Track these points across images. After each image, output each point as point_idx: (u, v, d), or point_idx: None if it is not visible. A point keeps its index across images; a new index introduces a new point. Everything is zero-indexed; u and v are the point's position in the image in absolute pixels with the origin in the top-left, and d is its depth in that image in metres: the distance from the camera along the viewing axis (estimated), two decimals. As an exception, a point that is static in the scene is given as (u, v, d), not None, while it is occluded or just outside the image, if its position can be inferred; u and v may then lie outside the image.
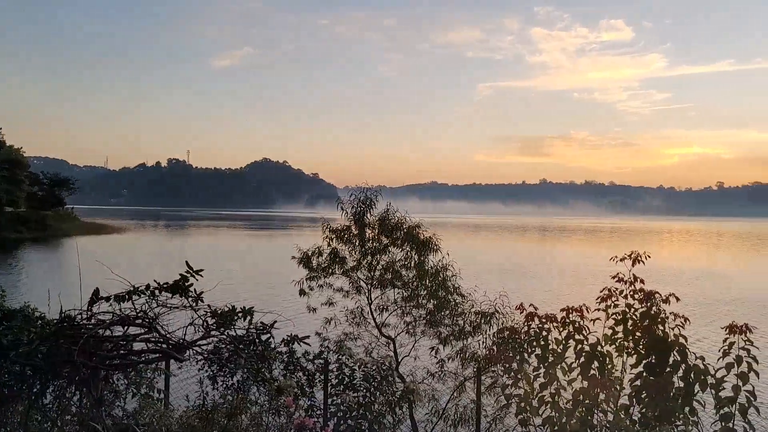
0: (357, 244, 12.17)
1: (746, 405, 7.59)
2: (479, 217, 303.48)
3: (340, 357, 9.12)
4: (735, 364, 7.76)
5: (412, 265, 11.87)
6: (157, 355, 4.97)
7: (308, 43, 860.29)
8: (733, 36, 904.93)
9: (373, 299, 12.19)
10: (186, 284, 4.77)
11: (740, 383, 7.65)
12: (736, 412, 7.62)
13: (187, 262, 4.90)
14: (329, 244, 12.31)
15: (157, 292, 4.79)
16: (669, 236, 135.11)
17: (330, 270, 12.22)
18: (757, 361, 7.76)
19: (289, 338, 6.50)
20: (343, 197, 12.39)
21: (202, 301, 4.87)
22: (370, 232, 12.18)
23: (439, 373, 11.28)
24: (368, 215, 12.08)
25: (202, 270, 4.82)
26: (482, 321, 10.74)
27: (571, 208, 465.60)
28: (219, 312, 4.93)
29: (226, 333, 4.96)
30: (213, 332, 4.88)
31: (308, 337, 6.19)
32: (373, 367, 8.95)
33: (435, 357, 11.33)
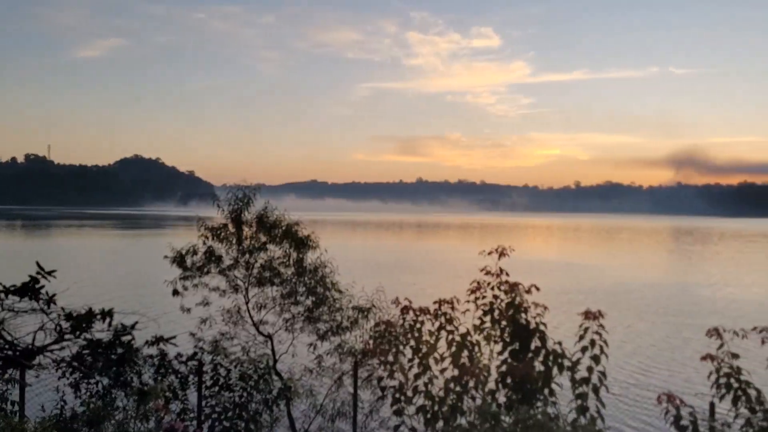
0: (234, 242, 11.91)
1: (598, 384, 8.28)
2: (358, 214, 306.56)
3: (215, 357, 8.91)
4: (589, 348, 8.44)
5: (291, 262, 11.81)
6: (-1, 363, 4.58)
7: (182, 36, 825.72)
8: (588, 47, 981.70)
9: (250, 297, 12.00)
10: (36, 286, 4.43)
11: (593, 365, 8.33)
12: (590, 391, 8.30)
13: (37, 262, 4.56)
14: (205, 243, 11.95)
15: (2, 295, 4.41)
16: (533, 231, 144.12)
17: (205, 269, 11.87)
18: (607, 344, 8.50)
19: (154, 339, 6.25)
20: (221, 195, 12.10)
21: (55, 304, 4.54)
22: (247, 230, 11.96)
23: (318, 368, 11.35)
24: (246, 213, 11.87)
25: (54, 271, 4.50)
26: (360, 316, 10.95)
27: (446, 206, 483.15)
28: (74, 315, 4.61)
29: (82, 336, 4.65)
30: (67, 336, 4.56)
31: (174, 337, 5.99)
32: (250, 366, 8.83)
33: (313, 353, 11.38)
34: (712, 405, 8.17)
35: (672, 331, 26.90)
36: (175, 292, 11.79)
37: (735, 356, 7.89)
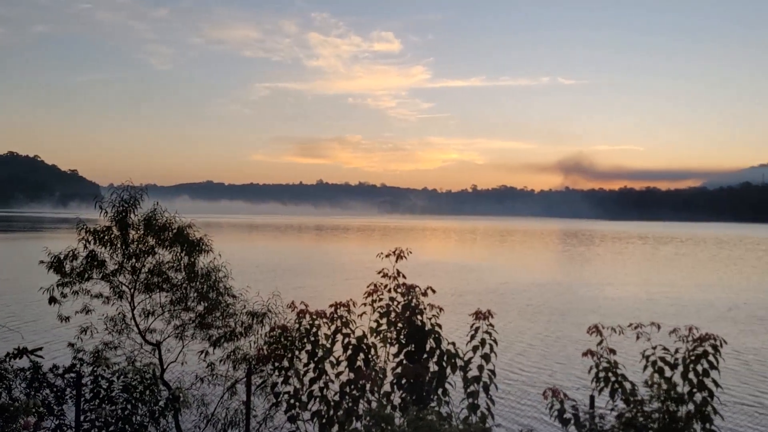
0: (119, 245, 11.24)
1: (488, 382, 8.56)
2: (257, 217, 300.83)
3: (95, 369, 8.35)
4: (480, 347, 8.70)
5: (182, 266, 11.32)
6: None
7: (65, 27, 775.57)
8: (485, 55, 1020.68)
9: (136, 304, 11.39)
10: None
11: (484, 363, 8.59)
12: (481, 389, 8.55)
13: None
14: (86, 247, 11.19)
15: None
16: (431, 233, 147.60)
17: (87, 275, 11.12)
18: (497, 343, 8.80)
19: (16, 351, 5.73)
20: (106, 196, 11.38)
21: None
22: (134, 233, 11.34)
23: (210, 376, 10.96)
24: (132, 215, 11.24)
25: None
26: (254, 321, 10.69)
27: (347, 208, 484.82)
28: None
29: None
30: None
31: (41, 348, 5.53)
32: (135, 377, 8.36)
33: (205, 361, 10.97)
34: (592, 398, 8.63)
35: (557, 328, 28.37)
36: (52, 300, 10.95)
37: (612, 351, 8.40)
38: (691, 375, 7.98)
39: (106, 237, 11.13)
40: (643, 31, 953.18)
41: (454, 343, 8.73)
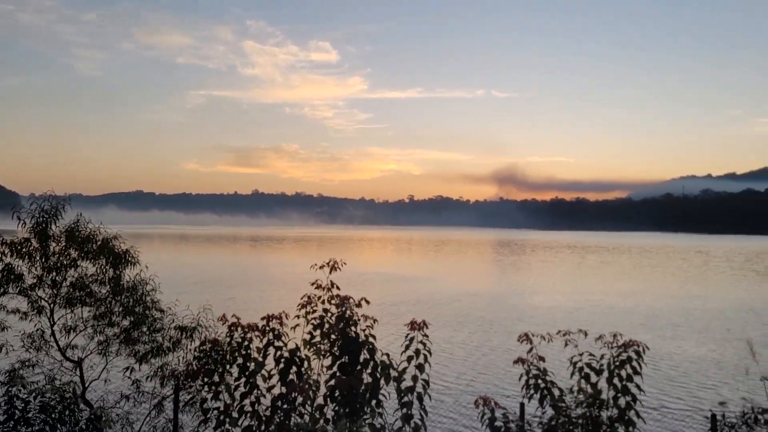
0: (38, 258, 10.68)
1: (422, 392, 8.57)
2: (189, 227, 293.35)
3: (10, 389, 7.87)
4: (414, 357, 8.71)
5: (107, 279, 10.87)
6: None
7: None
8: (422, 67, 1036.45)
9: (56, 319, 10.84)
10: None
11: (418, 374, 8.60)
12: (414, 399, 8.55)
13: None
14: (1, 260, 10.59)
15: None
16: (368, 244, 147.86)
17: (2, 289, 10.51)
18: (431, 353, 8.84)
19: None
20: (27, 206, 10.80)
21: None
22: (55, 245, 10.81)
23: (135, 394, 10.53)
24: (53, 226, 10.71)
25: None
26: (183, 336, 10.36)
27: (283, 218, 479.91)
28: None
29: None
30: None
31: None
32: (54, 396, 7.93)
33: (130, 378, 10.54)
34: (522, 405, 8.79)
35: (490, 337, 28.88)
36: (-37, 317, 10.29)
37: (542, 359, 8.60)
38: (615, 380, 8.25)
39: (23, 249, 10.56)
40: (574, 48, 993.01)
41: (388, 354, 8.71)
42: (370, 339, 8.84)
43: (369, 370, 8.63)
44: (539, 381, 8.43)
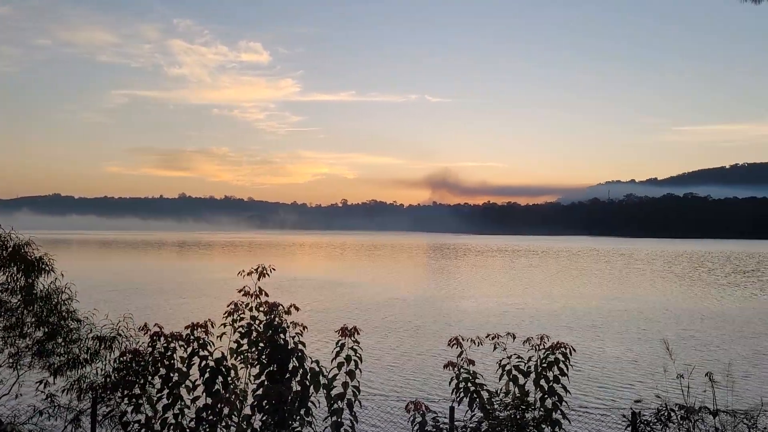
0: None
1: (353, 399, 8.49)
2: (111, 232, 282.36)
3: None
4: (345, 363, 8.62)
5: (18, 288, 10.22)
6: None
7: None
8: (355, 71, 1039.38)
9: (-41, 333, 10.09)
10: None
11: (349, 380, 8.52)
12: (345, 406, 8.46)
13: None
14: None
15: None
16: (300, 249, 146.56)
17: None
18: (362, 359, 8.76)
19: None
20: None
21: None
22: (-42, 252, 10.08)
23: (50, 409, 9.95)
24: (-44, 231, 10.01)
25: None
26: (102, 346, 9.88)
27: (212, 223, 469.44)
28: None
29: None
30: None
31: None
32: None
33: (44, 392, 9.95)
34: (451, 409, 8.85)
35: (422, 341, 29.07)
36: None
37: (471, 362, 8.70)
38: (542, 382, 8.43)
39: None
40: (507, 54, 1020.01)
41: (317, 361, 8.59)
42: (300, 346, 8.71)
43: (298, 378, 8.50)
44: (469, 384, 8.53)
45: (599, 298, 48.37)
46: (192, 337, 8.53)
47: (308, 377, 8.46)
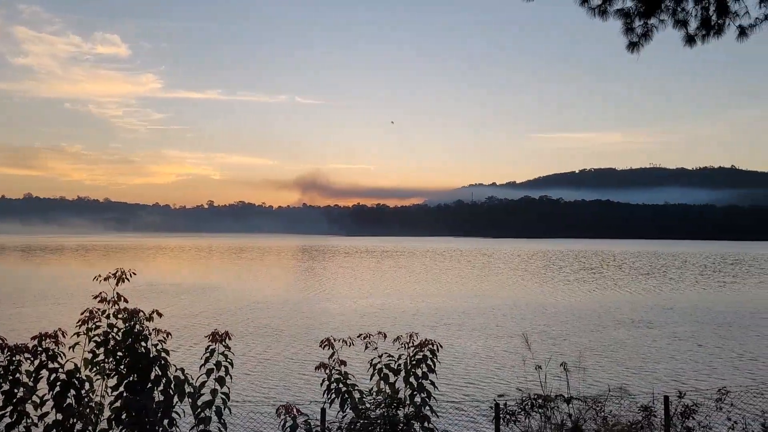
0: None
1: (221, 406, 8.19)
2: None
3: None
4: (215, 370, 8.30)
5: None
6: None
7: None
8: (222, 69, 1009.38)
9: None
10: None
11: (218, 387, 8.21)
12: (213, 414, 8.14)
13: None
14: None
15: None
16: (163, 252, 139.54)
17: None
18: (233, 365, 8.49)
19: None
20: None
21: None
22: None
23: None
24: None
25: None
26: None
27: (64, 226, 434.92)
28: None
29: None
30: None
31: None
32: None
33: None
34: (323, 411, 8.83)
35: (293, 344, 28.81)
36: None
37: (343, 363, 8.72)
38: (412, 379, 8.65)
39: None
40: (377, 57, 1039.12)
41: (183, 369, 8.20)
42: (163, 354, 8.27)
43: (161, 388, 8.07)
44: (341, 385, 8.55)
45: (462, 296, 50.59)
46: (40, 349, 7.80)
47: (172, 386, 8.05)
